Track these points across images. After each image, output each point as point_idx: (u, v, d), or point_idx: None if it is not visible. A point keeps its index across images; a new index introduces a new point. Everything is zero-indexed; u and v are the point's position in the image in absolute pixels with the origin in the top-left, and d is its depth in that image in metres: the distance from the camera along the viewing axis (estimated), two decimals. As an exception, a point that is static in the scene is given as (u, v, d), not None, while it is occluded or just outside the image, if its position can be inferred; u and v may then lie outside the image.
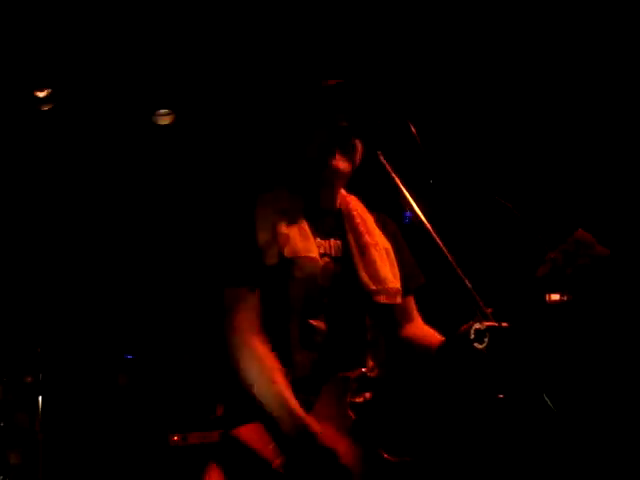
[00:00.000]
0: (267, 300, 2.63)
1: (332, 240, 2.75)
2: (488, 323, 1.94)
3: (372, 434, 2.55)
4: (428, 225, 2.25)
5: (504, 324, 1.93)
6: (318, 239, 2.71)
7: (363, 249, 2.72)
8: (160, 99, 5.48)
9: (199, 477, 2.58)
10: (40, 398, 4.90)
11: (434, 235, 2.21)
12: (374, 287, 2.67)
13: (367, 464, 2.50)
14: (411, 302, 2.92)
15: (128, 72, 5.25)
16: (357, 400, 2.55)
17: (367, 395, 2.59)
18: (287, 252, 2.60)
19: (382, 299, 2.69)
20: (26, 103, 5.25)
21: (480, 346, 1.96)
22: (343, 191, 2.86)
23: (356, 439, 2.49)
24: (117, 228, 5.80)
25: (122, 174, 5.68)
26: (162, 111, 5.54)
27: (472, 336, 1.98)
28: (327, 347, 2.62)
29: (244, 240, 2.64)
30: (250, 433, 2.53)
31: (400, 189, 2.21)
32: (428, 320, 2.88)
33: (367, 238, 2.75)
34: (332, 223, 2.78)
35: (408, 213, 2.22)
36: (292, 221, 2.68)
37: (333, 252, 2.73)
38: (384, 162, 2.22)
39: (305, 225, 2.69)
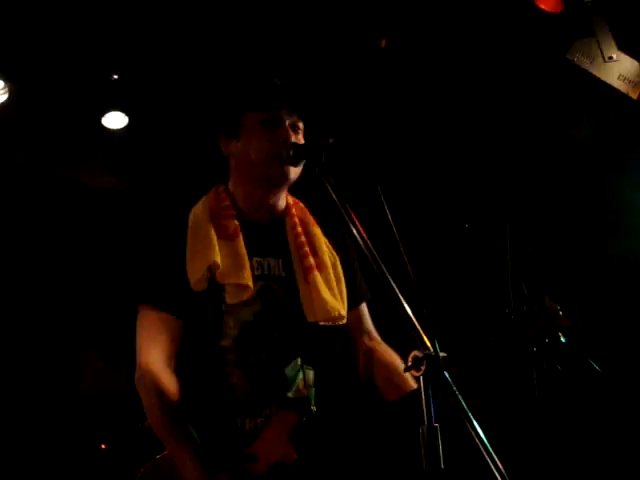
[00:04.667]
0: (201, 325, 2.53)
1: (272, 259, 2.63)
2: (426, 351, 1.94)
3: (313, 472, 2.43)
4: (372, 249, 2.22)
5: (442, 354, 1.94)
6: (255, 258, 2.58)
7: (306, 273, 2.59)
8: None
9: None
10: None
11: (377, 259, 2.18)
12: (314, 319, 2.58)
13: None
14: (359, 314, 2.79)
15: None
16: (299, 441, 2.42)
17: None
18: (218, 278, 2.48)
19: (323, 323, 2.61)
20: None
21: (417, 373, 1.96)
22: (289, 197, 2.73)
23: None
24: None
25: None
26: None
27: (409, 363, 1.98)
28: (263, 369, 2.53)
29: (169, 262, 2.51)
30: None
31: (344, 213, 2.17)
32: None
33: (310, 260, 2.61)
34: (273, 237, 2.64)
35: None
36: (226, 239, 2.53)
37: (273, 272, 2.62)
38: (328, 186, 2.19)
39: (241, 243, 2.54)
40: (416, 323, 2.00)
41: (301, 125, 2.62)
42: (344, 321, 2.65)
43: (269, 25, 4.78)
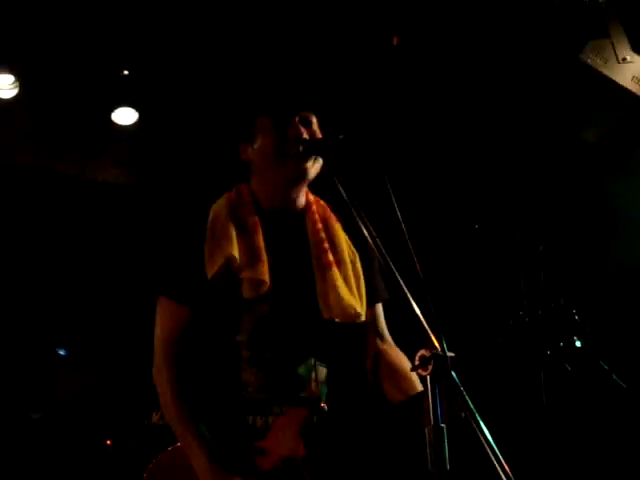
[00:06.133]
0: (216, 317, 2.54)
1: (290, 255, 2.62)
2: (434, 351, 1.92)
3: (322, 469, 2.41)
4: (381, 247, 2.19)
5: (450, 354, 1.91)
6: (274, 254, 2.56)
7: (324, 271, 2.57)
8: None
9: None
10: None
11: (386, 257, 2.15)
12: (329, 316, 2.56)
13: None
14: (374, 314, 2.77)
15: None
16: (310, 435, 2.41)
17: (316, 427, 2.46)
18: (235, 271, 2.48)
19: (338, 320, 2.58)
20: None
21: (424, 373, 1.93)
22: (310, 194, 2.73)
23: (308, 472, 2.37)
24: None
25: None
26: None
27: (417, 362, 1.96)
28: (277, 366, 2.52)
29: (187, 254, 2.53)
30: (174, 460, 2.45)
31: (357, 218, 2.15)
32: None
33: (329, 256, 2.60)
34: (293, 234, 2.64)
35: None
36: (244, 233, 2.53)
37: (291, 268, 2.60)
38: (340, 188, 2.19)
39: (259, 238, 2.54)
40: (424, 322, 1.97)
41: (314, 119, 2.63)
42: (362, 319, 2.62)
43: (281, 20, 4.78)
